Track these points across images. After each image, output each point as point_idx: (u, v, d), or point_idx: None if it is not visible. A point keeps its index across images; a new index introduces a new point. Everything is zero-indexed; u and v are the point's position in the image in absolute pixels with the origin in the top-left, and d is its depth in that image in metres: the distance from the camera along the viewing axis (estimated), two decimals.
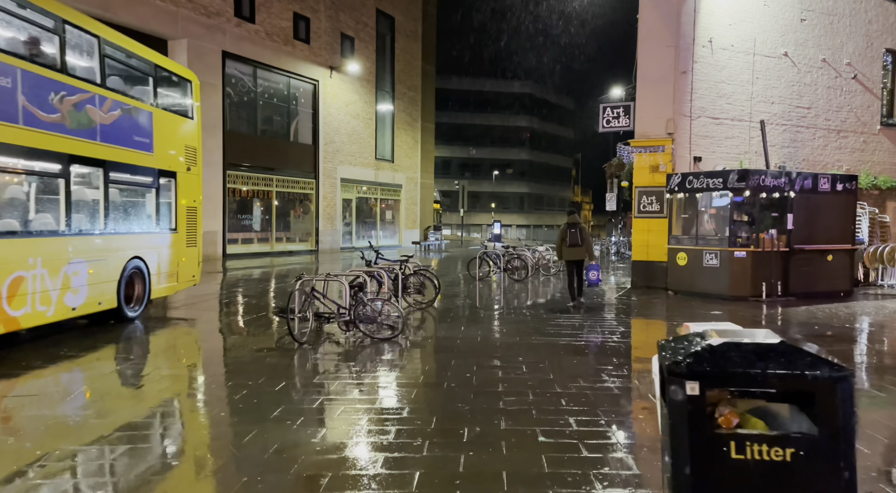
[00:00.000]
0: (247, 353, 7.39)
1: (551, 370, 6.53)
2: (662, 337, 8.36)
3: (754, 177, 12.30)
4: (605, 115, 15.64)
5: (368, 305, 8.43)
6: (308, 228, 27.57)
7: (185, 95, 11.50)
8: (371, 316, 8.38)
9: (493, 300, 12.51)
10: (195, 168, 11.46)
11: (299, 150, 26.99)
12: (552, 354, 7.39)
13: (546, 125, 70.93)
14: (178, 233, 10.83)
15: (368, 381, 6.13)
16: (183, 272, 11.03)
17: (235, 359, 7.17)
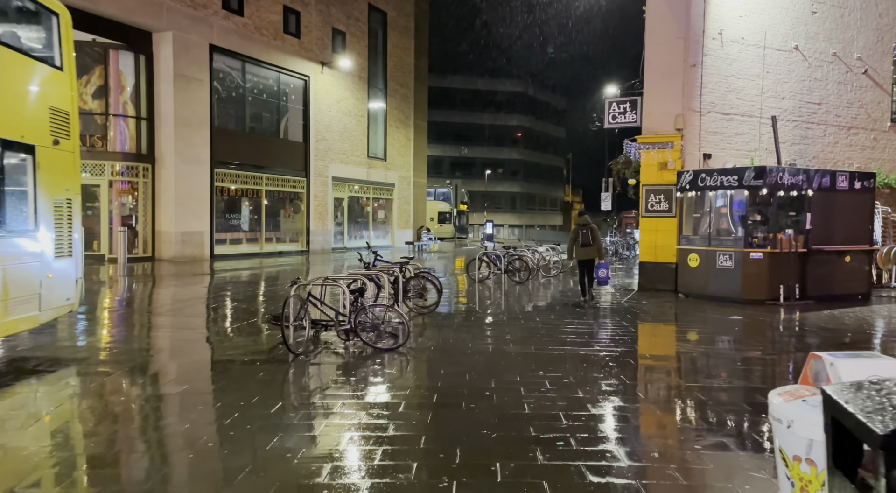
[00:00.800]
0: (237, 366, 6.67)
1: (579, 387, 5.87)
2: (694, 347, 8.05)
3: (772, 174, 11.73)
4: (610, 110, 15.03)
5: (369, 311, 7.73)
6: (299, 228, 26.79)
7: (46, 33, 7.73)
8: (373, 324, 7.69)
9: (498, 304, 11.85)
10: (68, 143, 7.65)
11: (290, 147, 26.20)
12: (575, 367, 6.73)
13: (538, 124, 70.43)
14: (37, 237, 6.98)
15: (376, 400, 5.44)
16: (49, 295, 7.09)
17: (224, 373, 6.45)
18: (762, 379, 6.40)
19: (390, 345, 7.65)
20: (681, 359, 7.47)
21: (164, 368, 6.88)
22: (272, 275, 17.68)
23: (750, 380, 6.36)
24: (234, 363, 6.80)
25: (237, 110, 23.98)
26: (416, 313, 10.52)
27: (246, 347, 7.68)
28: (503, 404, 5.30)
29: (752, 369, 6.82)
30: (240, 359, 7.03)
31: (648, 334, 9.22)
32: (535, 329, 9.03)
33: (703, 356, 7.47)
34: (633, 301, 12.52)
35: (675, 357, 7.62)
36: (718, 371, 6.73)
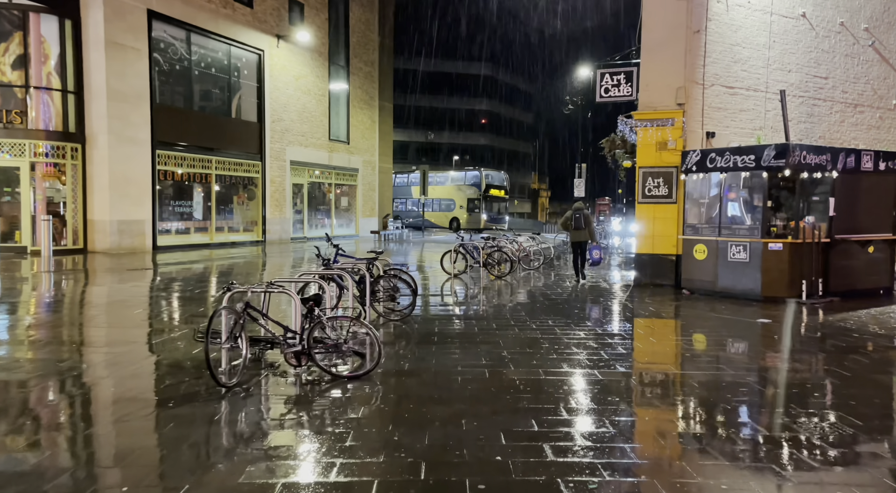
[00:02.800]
0: (142, 407, 4.77)
1: (621, 436, 4.18)
2: (740, 373, 5.84)
3: (795, 153, 10.22)
4: (602, 82, 13.36)
5: (328, 325, 5.89)
6: (254, 217, 24.57)
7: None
8: (333, 342, 5.84)
9: (482, 305, 10.11)
10: None
11: (243, 128, 23.90)
12: (603, 400, 5.03)
13: (506, 109, 68.81)
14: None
15: (329, 479, 3.63)
16: None
17: (124, 419, 4.54)
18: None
19: (355, 370, 5.82)
20: (767, 394, 5.85)
21: (21, 416, 4.91)
22: (223, 269, 15.60)
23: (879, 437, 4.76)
24: (137, 405, 4.89)
25: (182, 86, 21.58)
26: (388, 319, 8.71)
27: (165, 374, 5.76)
28: (526, 482, 3.54)
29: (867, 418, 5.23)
30: (147, 397, 5.11)
31: (673, 345, 7.60)
32: (535, 341, 7.31)
33: (800, 393, 5.86)
34: (635, 300, 10.93)
35: (755, 391, 5.99)
36: (840, 431, 5.11)
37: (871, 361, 6.62)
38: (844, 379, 5.84)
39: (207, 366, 5.13)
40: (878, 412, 4.92)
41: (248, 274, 14.71)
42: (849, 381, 5.79)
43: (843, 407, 4.99)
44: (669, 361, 6.53)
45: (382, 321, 8.61)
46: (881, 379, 5.98)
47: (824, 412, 4.85)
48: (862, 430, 4.43)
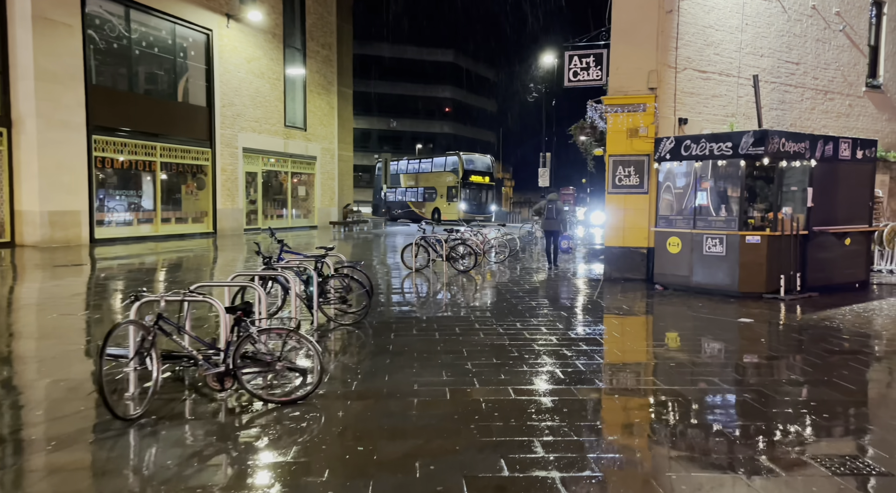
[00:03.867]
0: (9, 453, 3.79)
1: (610, 483, 3.41)
2: (738, 389, 4.84)
3: (774, 140, 9.64)
4: (571, 65, 12.60)
5: (260, 341, 4.97)
6: (204, 207, 23.20)
7: None
8: (264, 360, 4.94)
9: (444, 305, 9.30)
10: None
11: (190, 112, 22.46)
12: (584, 429, 4.26)
13: (469, 97, 67.93)
14: None
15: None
16: None
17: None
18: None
19: (291, 393, 4.93)
20: (776, 420, 5.16)
21: None
22: (168, 263, 14.40)
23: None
24: (17, 441, 3.91)
25: (122, 66, 20.06)
26: (339, 324, 7.81)
27: (55, 402, 4.76)
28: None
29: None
30: (19, 437, 4.12)
31: (654, 354, 6.91)
32: (502, 350, 6.52)
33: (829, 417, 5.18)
34: (607, 297, 10.27)
35: (762, 414, 5.29)
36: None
37: (874, 371, 6.04)
38: (851, 394, 5.21)
39: (100, 394, 4.17)
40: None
41: (196, 270, 13.57)
42: (857, 397, 5.16)
43: (863, 433, 4.33)
44: (653, 374, 5.81)
45: (333, 326, 7.71)
46: (891, 395, 5.38)
47: (843, 440, 4.19)
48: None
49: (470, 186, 36.81)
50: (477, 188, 37.34)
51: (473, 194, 37.10)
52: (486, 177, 38.09)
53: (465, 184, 36.51)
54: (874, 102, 15.51)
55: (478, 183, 37.33)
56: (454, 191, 36.78)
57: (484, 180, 37.82)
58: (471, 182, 36.84)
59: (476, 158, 39.06)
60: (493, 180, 38.55)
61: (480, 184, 37.54)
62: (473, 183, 37.00)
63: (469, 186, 36.79)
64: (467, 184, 36.62)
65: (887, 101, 15.87)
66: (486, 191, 38.20)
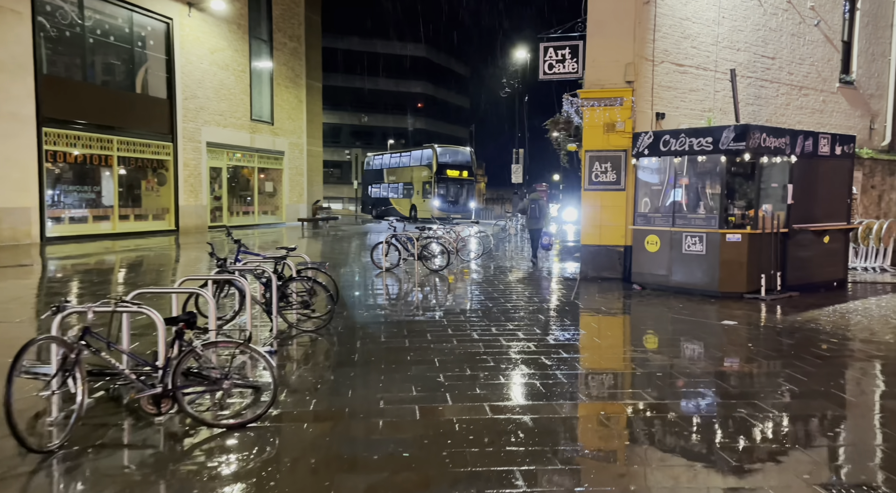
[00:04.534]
0: None
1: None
2: (740, 407, 4.39)
3: (755, 135, 9.35)
4: (546, 57, 12.18)
5: (206, 355, 4.41)
6: (165, 204, 22.27)
7: None
8: (210, 378, 4.38)
9: (415, 308, 8.80)
10: None
11: (150, 105, 21.50)
12: (573, 456, 3.81)
13: (442, 92, 67.35)
14: None
15: None
16: None
17: None
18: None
19: (240, 416, 4.39)
20: (788, 443, 4.78)
21: None
22: (124, 263, 13.61)
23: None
24: None
25: (75, 56, 19.04)
26: (301, 330, 7.26)
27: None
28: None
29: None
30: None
31: (639, 362, 6.51)
32: (477, 358, 6.06)
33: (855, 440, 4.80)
34: (584, 298, 9.88)
35: (769, 436, 4.90)
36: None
37: (873, 380, 5.73)
38: (854, 407, 4.87)
39: (8, 423, 3.58)
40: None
41: (152, 270, 12.83)
42: (860, 410, 4.82)
43: (876, 456, 3.97)
44: (639, 386, 5.40)
45: (295, 333, 7.16)
46: (890, 407, 5.05)
47: (862, 465, 3.81)
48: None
49: (445, 181, 33.69)
50: (453, 184, 34.15)
51: (450, 190, 33.94)
52: (464, 171, 34.71)
53: (440, 179, 33.44)
54: (847, 99, 15.45)
55: (454, 178, 34.12)
56: (428, 186, 34.01)
57: (462, 175, 34.51)
58: (446, 177, 33.71)
59: (452, 151, 35.77)
60: (472, 175, 35.14)
61: (457, 179, 34.31)
62: (449, 178, 33.86)
63: (444, 182, 33.67)
64: (442, 179, 33.54)
65: (859, 97, 15.84)
66: (464, 187, 34.81)
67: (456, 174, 34.18)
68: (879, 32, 16.25)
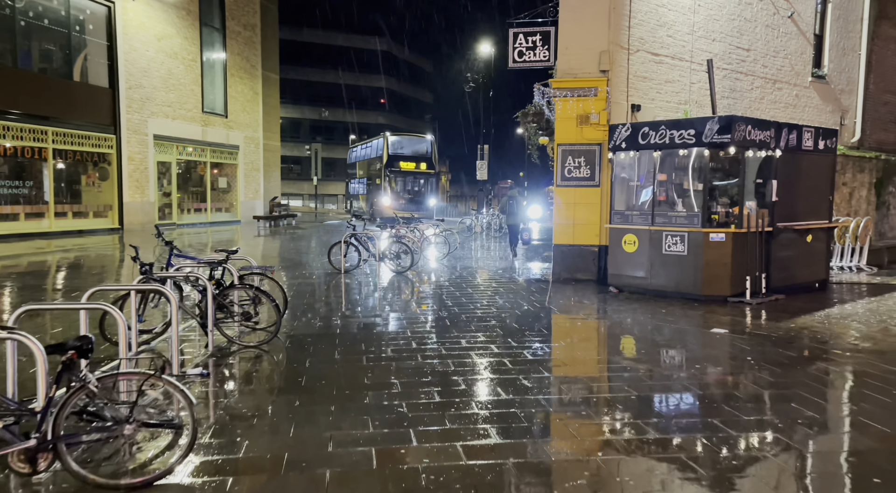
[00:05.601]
0: None
1: None
2: (749, 439, 3.89)
3: (741, 127, 8.73)
4: (516, 44, 11.40)
5: (100, 392, 3.45)
6: (108, 200, 20.78)
7: None
8: (106, 422, 3.42)
9: (377, 317, 7.91)
10: None
11: (90, 94, 19.99)
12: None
13: (405, 88, 66.27)
14: None
15: None
16: None
17: None
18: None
19: (143, 472, 3.44)
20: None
21: None
22: (57, 265, 12.31)
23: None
24: None
25: (5, 40, 17.46)
26: (242, 346, 6.30)
27: None
28: None
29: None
30: None
31: (631, 382, 5.76)
32: (446, 379, 5.22)
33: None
34: (560, 303, 9.14)
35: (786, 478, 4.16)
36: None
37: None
38: (888, 440, 4.20)
39: None
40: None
41: (87, 275, 11.60)
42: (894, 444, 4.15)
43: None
44: (636, 416, 4.64)
45: (234, 349, 6.20)
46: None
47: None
48: None
49: (398, 174, 29.43)
50: (409, 178, 29.92)
51: (404, 185, 29.86)
52: (422, 163, 30.00)
53: (392, 172, 29.20)
54: (819, 93, 15.14)
55: (409, 171, 29.70)
56: (379, 181, 29.91)
57: (420, 168, 29.89)
58: (399, 170, 29.37)
59: (408, 140, 31.16)
60: (431, 168, 30.35)
61: (414, 172, 29.87)
62: (403, 171, 29.51)
63: (398, 175, 29.45)
64: (394, 172, 29.22)
65: (831, 92, 15.56)
66: (423, 181, 30.36)
67: (412, 167, 29.81)
68: (850, 26, 16.00)
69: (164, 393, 4.31)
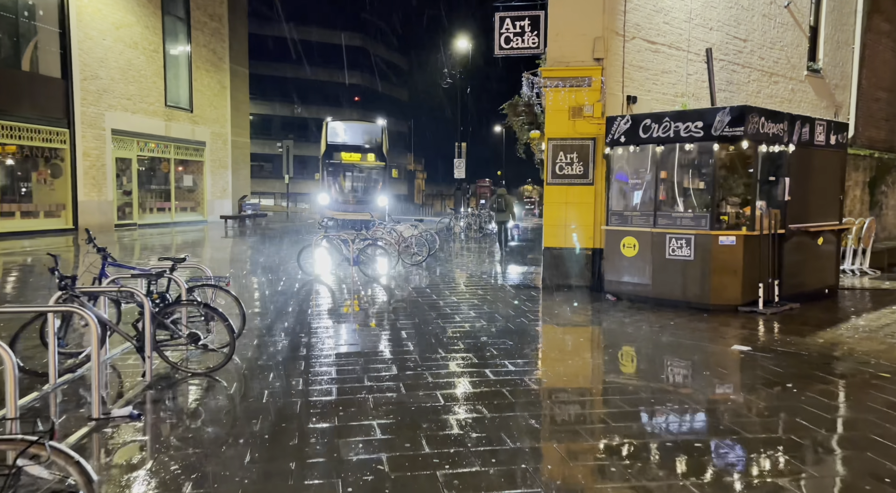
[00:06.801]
0: None
1: None
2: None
3: (754, 118, 7.92)
4: (503, 29, 10.47)
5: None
6: (61, 199, 19.34)
7: None
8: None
9: (350, 332, 6.91)
10: None
11: (40, 85, 18.54)
12: None
13: (380, 84, 65.01)
14: None
15: None
16: None
17: None
18: None
19: None
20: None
21: None
22: (9, 266, 11.03)
23: None
24: None
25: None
26: (189, 373, 5.26)
27: None
28: None
29: None
30: None
31: (658, 412, 4.87)
32: (436, 418, 4.26)
33: None
34: (555, 313, 8.25)
35: None
36: None
37: None
38: None
39: None
40: None
41: (23, 283, 10.36)
42: None
43: None
44: (678, 475, 3.74)
45: (179, 378, 5.16)
46: None
47: None
48: None
49: (338, 168, 24.25)
50: (352, 172, 24.81)
51: (347, 181, 24.75)
52: (370, 154, 24.53)
53: (331, 164, 24.07)
54: (814, 88, 14.52)
55: (353, 164, 24.58)
56: (318, 175, 25.15)
57: (366, 160, 24.54)
58: (340, 162, 24.18)
59: (351, 127, 25.77)
60: (381, 159, 24.63)
61: (358, 165, 24.73)
62: (345, 164, 24.37)
63: (337, 169, 24.25)
64: (333, 165, 24.09)
65: (825, 87, 14.97)
66: (370, 176, 24.93)
67: (356, 158, 24.46)
68: (844, 19, 15.43)
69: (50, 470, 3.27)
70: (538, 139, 10.74)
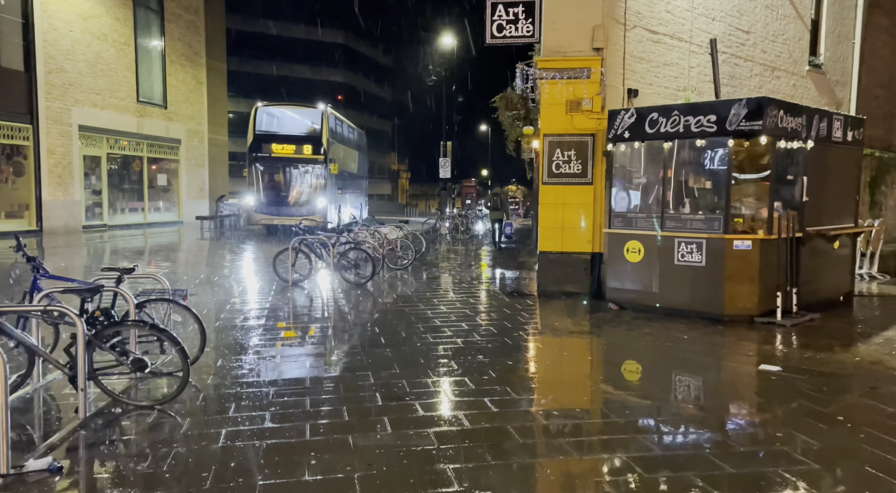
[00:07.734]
0: None
1: None
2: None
3: (773, 112, 7.24)
4: (495, 16, 9.70)
5: None
6: (23, 198, 18.25)
7: None
8: None
9: (328, 351, 6.10)
10: None
11: (1, 78, 17.43)
12: None
13: (363, 83, 64.03)
14: None
15: None
16: None
17: None
18: None
19: None
20: None
21: None
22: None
23: None
24: None
25: None
26: (131, 407, 4.43)
27: None
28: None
29: None
30: None
31: (689, 459, 4.13)
32: (427, 470, 3.48)
33: None
34: (555, 325, 7.51)
35: None
36: None
37: None
38: None
39: None
40: None
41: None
42: None
43: None
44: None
45: (119, 412, 4.33)
46: None
47: None
48: None
49: (267, 163, 20.75)
50: (282, 167, 21.02)
51: (273, 179, 21.09)
52: (306, 146, 20.67)
53: (259, 158, 20.70)
54: (815, 84, 13.96)
55: (285, 157, 20.81)
56: (245, 172, 21.72)
57: (302, 153, 20.73)
58: (269, 156, 20.72)
59: (285, 113, 22.44)
60: (319, 152, 20.70)
61: (290, 159, 20.84)
62: (275, 157, 20.76)
63: (266, 164, 20.77)
64: (261, 159, 20.69)
65: (826, 83, 14.43)
66: (304, 172, 21.03)
67: (289, 152, 20.77)
68: (845, 12, 14.91)
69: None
70: (531, 136, 10.00)
